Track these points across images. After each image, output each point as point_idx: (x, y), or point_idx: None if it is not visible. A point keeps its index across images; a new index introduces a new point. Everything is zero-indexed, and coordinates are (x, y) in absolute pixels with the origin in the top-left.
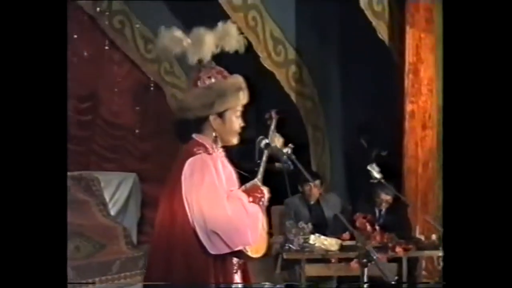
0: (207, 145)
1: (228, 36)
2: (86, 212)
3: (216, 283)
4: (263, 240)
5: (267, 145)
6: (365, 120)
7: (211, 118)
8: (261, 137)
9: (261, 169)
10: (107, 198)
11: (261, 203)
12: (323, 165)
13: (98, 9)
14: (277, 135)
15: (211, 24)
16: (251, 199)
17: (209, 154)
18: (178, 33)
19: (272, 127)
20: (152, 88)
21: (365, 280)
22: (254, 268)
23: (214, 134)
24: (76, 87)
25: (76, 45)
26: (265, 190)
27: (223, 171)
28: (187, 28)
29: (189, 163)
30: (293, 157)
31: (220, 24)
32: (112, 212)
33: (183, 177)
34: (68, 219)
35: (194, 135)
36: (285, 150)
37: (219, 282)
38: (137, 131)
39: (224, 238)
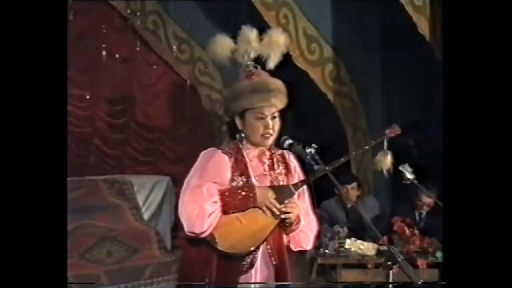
0: (237, 142)
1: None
2: (119, 217)
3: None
4: (242, 236)
5: (291, 145)
6: (410, 119)
7: (235, 118)
8: (284, 137)
9: None
10: (140, 202)
11: (244, 200)
12: (365, 167)
13: (128, 11)
14: (388, 152)
15: (244, 22)
16: (228, 193)
17: (225, 149)
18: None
19: (373, 142)
20: (187, 89)
21: (390, 286)
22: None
23: (242, 134)
24: (109, 90)
25: (108, 46)
26: (260, 190)
27: (217, 164)
28: (221, 27)
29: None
30: (317, 157)
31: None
32: (145, 216)
33: None
34: (101, 223)
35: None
36: (308, 151)
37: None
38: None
39: (182, 221)
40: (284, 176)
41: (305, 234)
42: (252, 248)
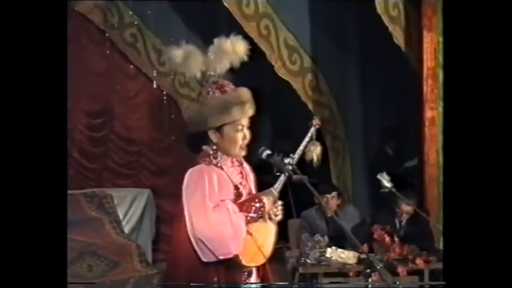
0: (212, 156)
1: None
2: (99, 230)
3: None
4: (256, 247)
5: (269, 155)
6: (389, 127)
7: (209, 132)
8: (262, 148)
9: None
10: (120, 215)
11: (257, 212)
12: (344, 176)
13: (108, 22)
14: (317, 143)
15: (224, 34)
16: (244, 208)
17: (210, 164)
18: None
19: (309, 134)
20: (167, 102)
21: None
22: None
23: (214, 147)
24: (88, 103)
25: (86, 59)
26: (266, 199)
27: (219, 181)
28: (200, 39)
29: (188, 174)
30: (295, 167)
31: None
32: (126, 230)
33: (183, 187)
34: (81, 237)
35: (203, 146)
36: (286, 161)
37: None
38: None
39: (209, 246)
40: (250, 182)
41: None
42: (267, 257)
